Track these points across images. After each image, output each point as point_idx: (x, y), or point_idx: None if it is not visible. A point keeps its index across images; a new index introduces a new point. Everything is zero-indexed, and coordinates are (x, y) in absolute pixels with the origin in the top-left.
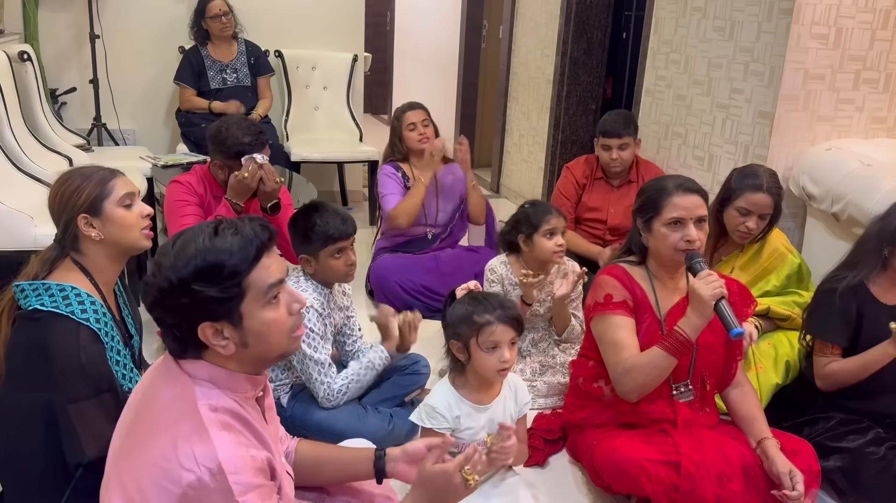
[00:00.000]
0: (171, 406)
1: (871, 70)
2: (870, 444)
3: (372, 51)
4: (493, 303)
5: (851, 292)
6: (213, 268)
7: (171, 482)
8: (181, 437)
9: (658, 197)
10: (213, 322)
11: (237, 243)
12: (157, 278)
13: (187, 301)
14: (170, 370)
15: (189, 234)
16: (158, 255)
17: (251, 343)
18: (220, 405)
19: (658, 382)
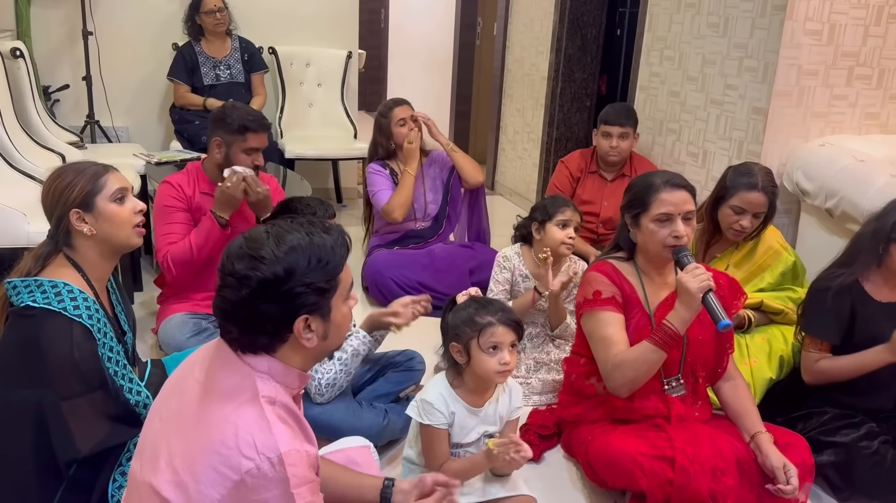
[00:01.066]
0: (233, 393)
1: (865, 66)
2: (863, 439)
3: (366, 48)
4: (495, 307)
5: (846, 290)
6: (320, 261)
7: (230, 468)
8: (242, 425)
9: (646, 193)
10: (309, 314)
11: (332, 240)
12: (259, 271)
13: (296, 291)
14: (229, 358)
15: (282, 231)
16: (248, 250)
17: (330, 335)
18: (278, 399)
19: (648, 377)
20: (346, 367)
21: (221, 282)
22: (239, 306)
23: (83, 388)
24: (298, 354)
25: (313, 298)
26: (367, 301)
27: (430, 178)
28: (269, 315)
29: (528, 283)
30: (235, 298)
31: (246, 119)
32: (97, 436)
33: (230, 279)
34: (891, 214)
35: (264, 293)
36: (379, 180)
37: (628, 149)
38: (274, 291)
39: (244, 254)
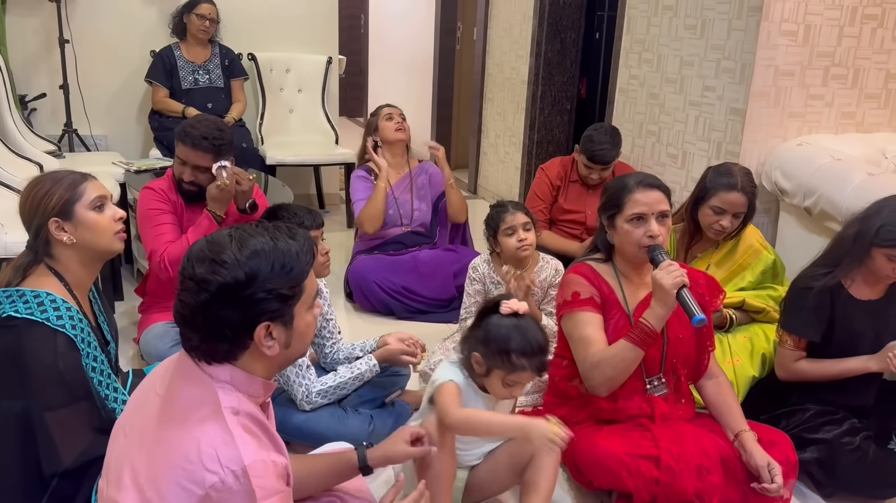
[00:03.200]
0: (194, 406)
1: (840, 66)
2: (845, 435)
3: (346, 53)
4: (532, 346)
5: (827, 289)
6: (283, 267)
7: (194, 483)
8: (205, 439)
9: (620, 194)
10: (271, 321)
11: (297, 246)
12: (219, 275)
13: (257, 297)
14: (189, 369)
15: (245, 235)
16: (208, 253)
17: (293, 344)
18: (242, 409)
19: (626, 375)
20: (343, 385)
21: (181, 285)
22: (198, 311)
23: (67, 399)
24: (261, 362)
25: (275, 305)
26: (350, 307)
27: (418, 186)
28: (229, 321)
29: (501, 289)
30: (194, 303)
31: (190, 126)
32: (81, 446)
33: (189, 283)
34: (874, 218)
35: (224, 298)
36: (360, 188)
37: (608, 176)
38: (234, 296)
39: (205, 257)
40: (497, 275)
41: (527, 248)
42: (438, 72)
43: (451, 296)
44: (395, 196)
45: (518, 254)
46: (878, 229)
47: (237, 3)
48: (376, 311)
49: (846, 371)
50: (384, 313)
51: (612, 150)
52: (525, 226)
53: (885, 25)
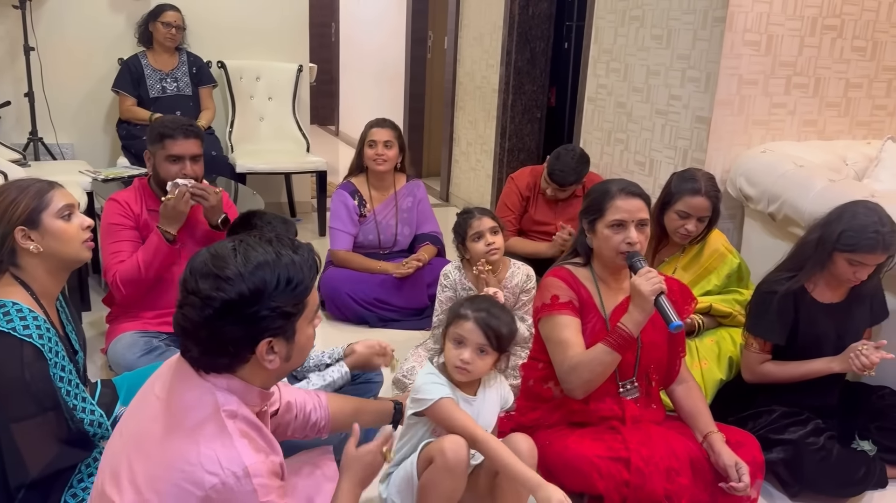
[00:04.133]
0: (193, 409)
1: (801, 75)
2: (810, 435)
3: (317, 61)
4: (484, 306)
5: (790, 293)
6: (289, 282)
7: (193, 484)
8: (203, 441)
9: (602, 199)
10: (273, 337)
11: (300, 260)
12: (226, 292)
13: (262, 315)
14: (188, 374)
15: (249, 249)
16: (213, 268)
17: (293, 357)
18: (239, 412)
19: (603, 379)
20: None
21: (183, 299)
22: (201, 326)
23: (34, 410)
24: (259, 374)
25: (279, 322)
26: (323, 317)
27: (402, 208)
28: (232, 337)
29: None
30: (197, 318)
31: (164, 126)
32: (48, 458)
33: (193, 298)
34: (834, 223)
35: (228, 315)
36: (339, 215)
37: (567, 196)
38: (238, 313)
39: (209, 272)
40: (468, 281)
41: (495, 251)
42: (410, 80)
43: (423, 306)
44: (378, 220)
45: (487, 259)
46: (839, 234)
47: (207, 10)
48: (349, 321)
49: (810, 372)
50: (357, 323)
51: (573, 176)
52: (492, 230)
53: (843, 36)
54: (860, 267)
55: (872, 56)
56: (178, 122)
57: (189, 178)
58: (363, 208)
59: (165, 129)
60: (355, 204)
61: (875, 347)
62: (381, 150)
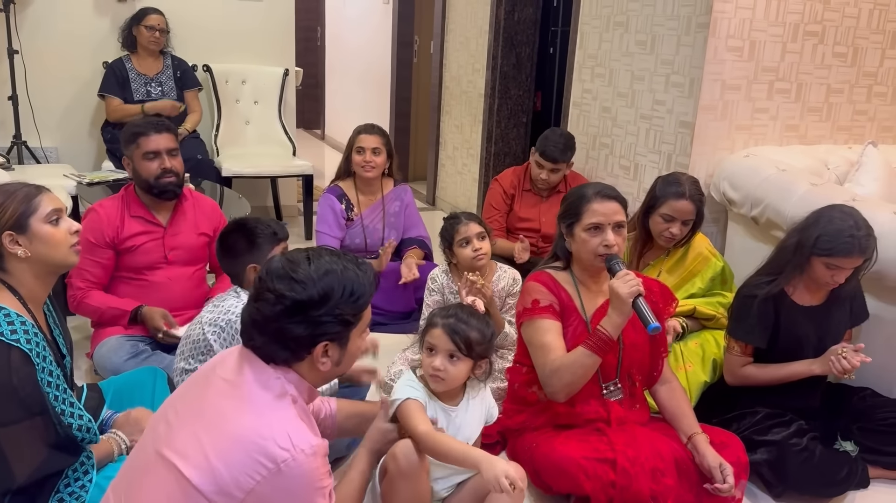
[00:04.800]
0: (264, 389)
1: (784, 81)
2: (793, 436)
3: (303, 65)
4: (452, 312)
5: (770, 296)
6: (352, 293)
7: (266, 457)
8: (276, 419)
9: (578, 203)
10: (330, 341)
11: (364, 276)
12: (298, 293)
13: (325, 320)
14: (257, 360)
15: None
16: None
17: (343, 363)
18: (298, 400)
19: (584, 381)
20: None
21: (259, 295)
22: (271, 320)
23: (22, 415)
24: (311, 373)
25: (338, 328)
26: None
27: (389, 213)
28: (296, 334)
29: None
30: (269, 313)
31: (135, 126)
32: (35, 463)
33: (269, 294)
34: (811, 228)
35: (296, 314)
36: (326, 218)
37: (558, 180)
38: (305, 314)
39: (285, 274)
40: (456, 285)
41: (482, 257)
42: (396, 84)
43: (410, 309)
44: (365, 224)
45: (474, 265)
46: (815, 239)
47: (192, 14)
48: None
49: (791, 374)
50: None
51: (563, 153)
52: (479, 236)
53: (825, 42)
54: (837, 270)
55: (853, 62)
56: (148, 120)
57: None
58: (350, 212)
59: (137, 128)
60: (342, 208)
61: (854, 350)
62: (370, 157)
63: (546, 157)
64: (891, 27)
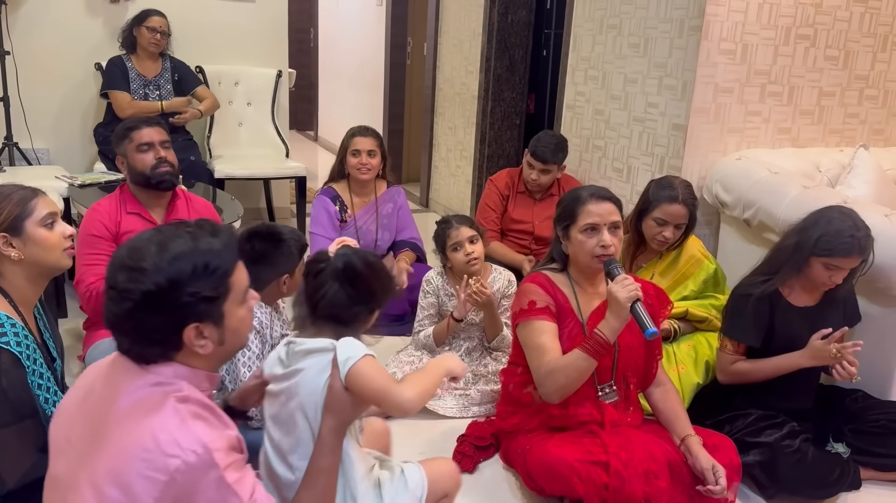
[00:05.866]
0: (140, 401)
1: (776, 84)
2: (786, 438)
3: (296, 67)
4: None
5: (765, 296)
6: (205, 268)
7: (157, 470)
8: (159, 427)
9: (574, 205)
10: (199, 322)
11: (219, 244)
12: (141, 283)
13: (181, 301)
14: (130, 368)
15: (164, 238)
16: (128, 261)
17: (227, 340)
18: (191, 396)
19: (579, 384)
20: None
21: (106, 294)
22: (124, 318)
23: (11, 418)
24: (198, 359)
25: (201, 307)
26: None
27: (383, 214)
28: (156, 326)
29: (455, 301)
30: (119, 311)
31: (125, 123)
32: (25, 467)
33: (112, 292)
34: (811, 229)
35: (148, 305)
36: (320, 220)
37: (549, 181)
38: (157, 303)
39: (125, 265)
40: (451, 287)
41: (475, 262)
42: (389, 86)
43: (404, 312)
44: (359, 226)
45: (468, 269)
46: (816, 240)
47: (185, 15)
48: None
49: (779, 368)
50: None
51: (554, 154)
52: (471, 239)
53: (817, 45)
54: (836, 271)
55: (845, 65)
56: (138, 117)
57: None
58: (344, 214)
59: (128, 123)
60: (336, 209)
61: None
62: (365, 160)
63: (536, 158)
64: (882, 30)
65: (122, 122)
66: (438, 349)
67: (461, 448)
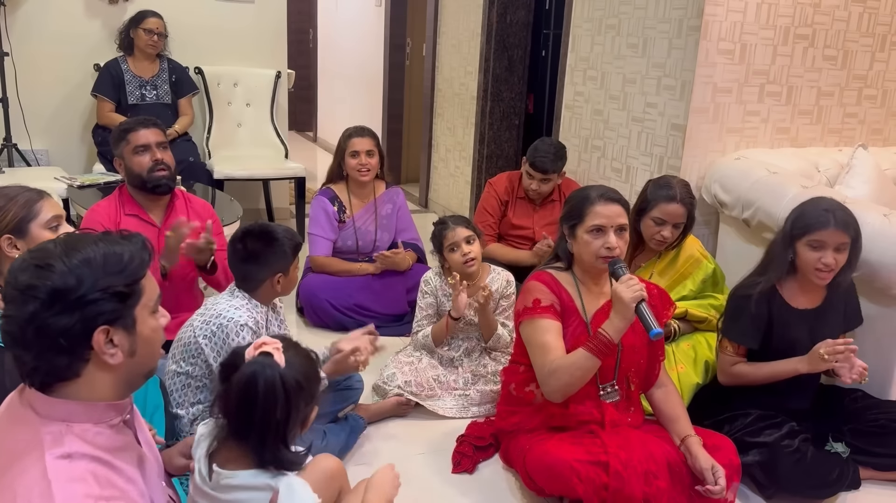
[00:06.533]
0: (17, 455)
1: (774, 83)
2: (785, 438)
3: (295, 67)
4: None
5: (764, 297)
6: (116, 266)
7: None
8: (21, 490)
9: (581, 205)
10: (110, 326)
11: (131, 247)
12: (49, 279)
13: (91, 299)
14: (18, 414)
15: (71, 238)
16: (33, 260)
17: (139, 351)
18: (75, 451)
19: (582, 383)
20: None
21: (6, 299)
22: (28, 323)
23: None
24: (106, 376)
25: (111, 305)
26: (302, 323)
27: (381, 215)
28: (63, 328)
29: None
30: (23, 315)
31: (122, 125)
32: None
33: (14, 293)
34: (790, 218)
35: (54, 304)
36: (319, 220)
37: (549, 190)
38: (65, 300)
39: (29, 265)
40: (449, 287)
41: (472, 262)
42: (388, 86)
43: (403, 312)
44: (357, 226)
45: (465, 270)
46: (793, 222)
47: (184, 16)
48: (329, 328)
49: (779, 373)
50: (336, 329)
51: (554, 163)
52: (467, 239)
53: (815, 45)
54: (823, 250)
55: (843, 65)
56: (136, 118)
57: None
58: (343, 214)
59: (126, 125)
60: (335, 210)
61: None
62: (365, 160)
63: (536, 168)
64: (880, 30)
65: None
66: (438, 349)
67: (461, 448)
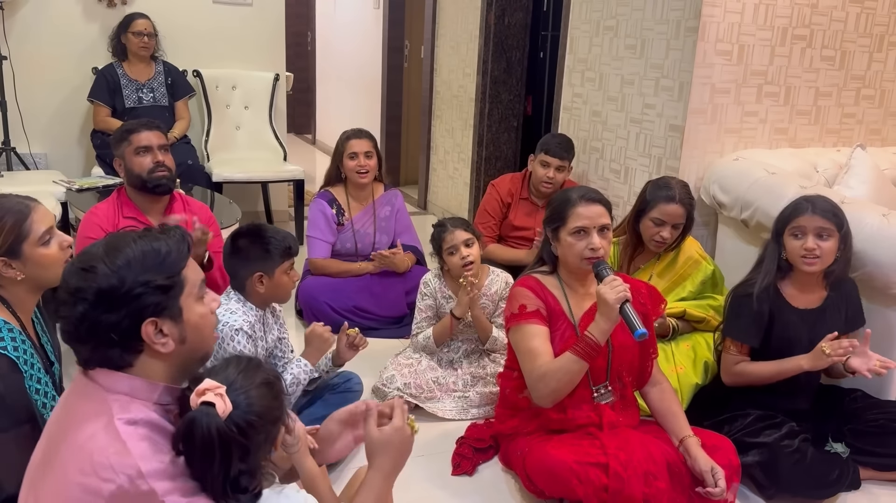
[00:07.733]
0: (87, 421)
1: (772, 84)
2: (785, 438)
3: (294, 70)
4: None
5: (765, 296)
6: (155, 260)
7: (93, 494)
8: (97, 450)
9: (563, 207)
10: (156, 317)
11: (169, 240)
12: (94, 280)
13: (135, 295)
14: (84, 387)
15: (112, 239)
16: (79, 264)
17: (189, 337)
18: (140, 418)
19: (571, 387)
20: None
21: (60, 303)
22: (80, 322)
23: (8, 423)
24: (160, 364)
25: (155, 298)
26: (301, 324)
27: (380, 217)
28: (112, 324)
29: (453, 304)
30: (75, 315)
31: (124, 126)
32: (23, 473)
33: (66, 296)
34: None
35: (101, 303)
36: (318, 224)
37: (562, 180)
38: (110, 299)
39: (76, 269)
40: (448, 289)
41: (471, 265)
42: (387, 89)
43: (402, 314)
44: (356, 229)
45: (463, 272)
46: (777, 217)
47: (182, 19)
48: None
49: (782, 371)
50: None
51: (568, 150)
52: (466, 242)
53: (813, 46)
54: (804, 237)
55: (841, 65)
56: (138, 120)
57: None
58: (341, 217)
59: (128, 126)
60: (333, 213)
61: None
62: (364, 162)
63: (552, 155)
64: (878, 31)
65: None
66: (438, 350)
67: (460, 450)
